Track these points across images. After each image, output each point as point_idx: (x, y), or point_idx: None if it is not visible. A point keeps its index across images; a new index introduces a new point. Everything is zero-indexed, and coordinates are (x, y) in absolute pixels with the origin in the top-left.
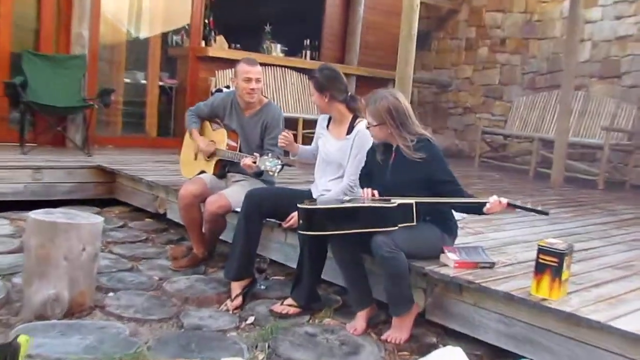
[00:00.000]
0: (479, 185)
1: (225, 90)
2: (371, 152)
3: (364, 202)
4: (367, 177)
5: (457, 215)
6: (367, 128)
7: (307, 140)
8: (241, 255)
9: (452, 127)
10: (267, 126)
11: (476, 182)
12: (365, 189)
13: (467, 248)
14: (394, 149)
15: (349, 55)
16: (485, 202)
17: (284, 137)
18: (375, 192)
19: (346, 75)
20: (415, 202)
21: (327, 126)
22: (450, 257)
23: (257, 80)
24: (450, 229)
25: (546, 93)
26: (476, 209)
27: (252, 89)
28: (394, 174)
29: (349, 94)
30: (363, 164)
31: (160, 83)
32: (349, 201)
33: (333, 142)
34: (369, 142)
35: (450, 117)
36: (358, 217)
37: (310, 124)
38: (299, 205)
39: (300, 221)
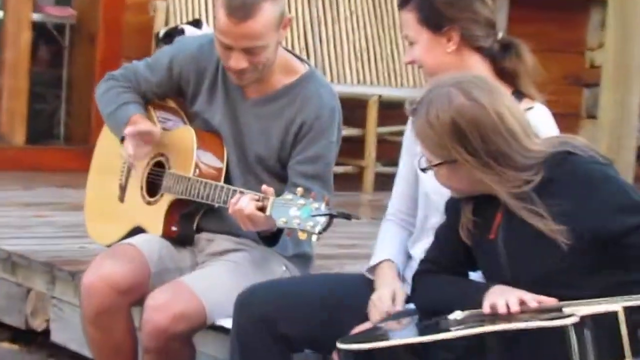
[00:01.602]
0: None
1: (191, 32)
2: (453, 213)
3: (506, 322)
4: (447, 264)
5: None
6: (424, 170)
7: (391, 149)
8: None
9: None
10: (302, 131)
11: None
12: (497, 291)
13: None
14: (500, 207)
15: None
16: None
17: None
18: (532, 297)
19: None
20: (624, 308)
21: None
22: None
23: (250, 52)
24: None
25: None
26: None
27: (240, 71)
28: (515, 257)
29: (500, 35)
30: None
31: (35, 16)
32: (462, 322)
33: None
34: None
35: None
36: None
37: (398, 108)
38: (339, 346)
39: None
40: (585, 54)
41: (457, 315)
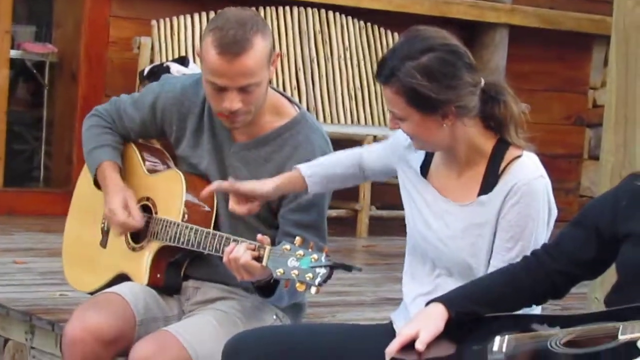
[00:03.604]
0: None
1: (177, 70)
2: (605, 211)
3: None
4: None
5: None
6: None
7: (386, 192)
8: None
9: None
10: None
11: None
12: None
13: None
14: None
15: None
16: None
17: None
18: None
19: (483, 28)
20: None
21: (423, 167)
22: None
23: (245, 91)
24: None
25: None
26: None
27: (233, 114)
28: None
29: (482, 82)
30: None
31: (14, 53)
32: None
33: (446, 207)
34: (542, 210)
35: None
36: None
37: None
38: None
39: None
40: (588, 93)
41: (497, 344)
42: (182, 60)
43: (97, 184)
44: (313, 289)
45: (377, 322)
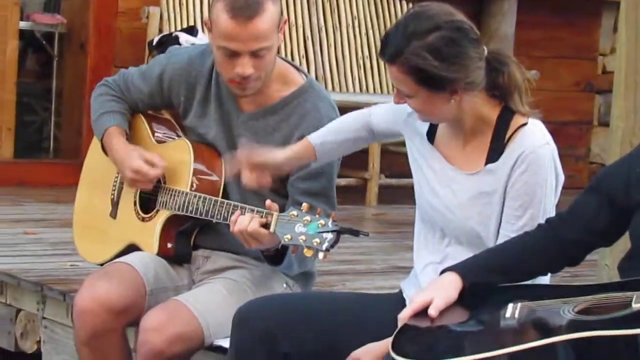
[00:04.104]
0: None
1: (186, 39)
2: (616, 180)
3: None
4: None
5: None
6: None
7: (395, 160)
8: None
9: None
10: None
11: None
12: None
13: None
14: None
15: None
16: None
17: None
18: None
19: None
20: None
21: (430, 132)
22: None
23: (257, 55)
24: None
25: None
26: None
27: (244, 80)
28: None
29: (486, 52)
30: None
31: (23, 24)
32: (522, 325)
33: (453, 175)
34: (550, 177)
35: None
36: None
37: None
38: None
39: None
40: (598, 60)
41: (510, 311)
42: (191, 30)
43: (105, 150)
44: (321, 254)
45: (387, 290)
